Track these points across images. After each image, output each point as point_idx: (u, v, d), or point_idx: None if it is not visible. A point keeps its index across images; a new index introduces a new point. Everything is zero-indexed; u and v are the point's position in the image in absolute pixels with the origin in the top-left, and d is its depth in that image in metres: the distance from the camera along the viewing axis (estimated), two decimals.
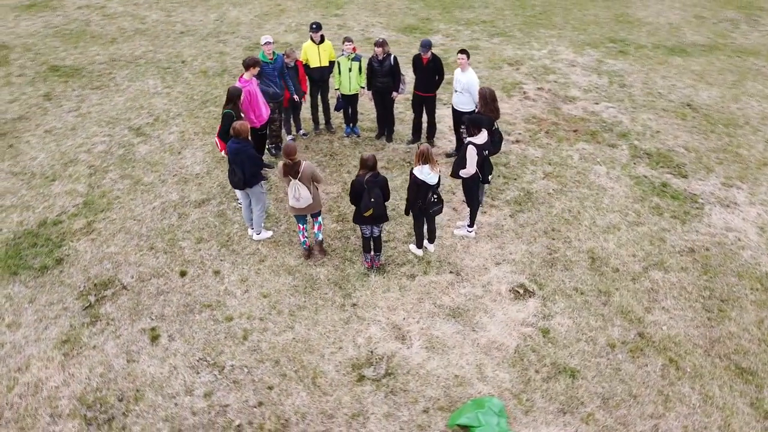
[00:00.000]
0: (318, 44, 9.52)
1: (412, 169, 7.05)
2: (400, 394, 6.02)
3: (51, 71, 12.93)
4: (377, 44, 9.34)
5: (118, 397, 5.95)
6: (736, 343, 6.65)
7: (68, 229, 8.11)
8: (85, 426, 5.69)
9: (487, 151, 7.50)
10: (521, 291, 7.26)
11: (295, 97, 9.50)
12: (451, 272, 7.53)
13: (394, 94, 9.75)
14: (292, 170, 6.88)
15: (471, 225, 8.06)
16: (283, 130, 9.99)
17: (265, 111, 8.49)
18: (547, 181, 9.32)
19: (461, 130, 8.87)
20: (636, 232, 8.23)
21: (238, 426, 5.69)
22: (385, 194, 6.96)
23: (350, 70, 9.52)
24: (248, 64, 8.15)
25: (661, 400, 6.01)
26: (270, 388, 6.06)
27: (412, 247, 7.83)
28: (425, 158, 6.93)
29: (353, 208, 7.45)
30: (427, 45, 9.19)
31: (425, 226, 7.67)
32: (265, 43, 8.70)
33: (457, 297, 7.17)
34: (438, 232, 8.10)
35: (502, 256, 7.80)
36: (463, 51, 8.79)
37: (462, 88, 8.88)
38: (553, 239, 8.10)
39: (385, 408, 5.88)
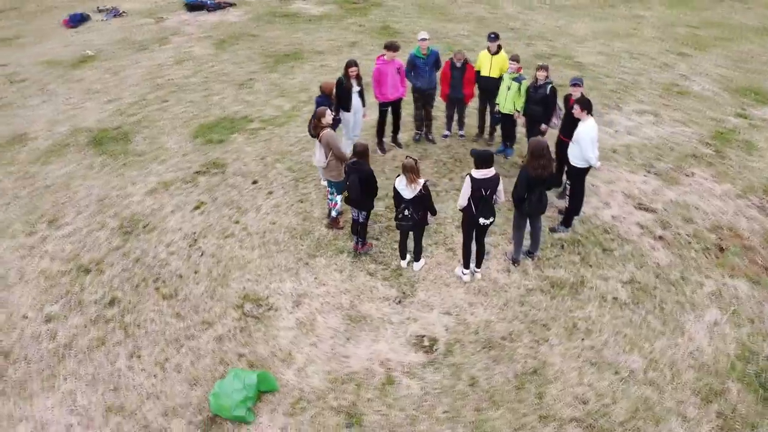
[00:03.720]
0: (492, 54, 9.58)
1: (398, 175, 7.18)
2: (243, 333, 6.86)
3: (382, 30, 16.14)
4: (538, 68, 8.85)
5: (143, 225, 8.63)
6: None
7: (247, 126, 11.07)
8: (118, 229, 8.59)
9: (489, 191, 6.81)
10: (426, 344, 6.70)
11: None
12: (401, 292, 7.39)
13: (543, 126, 9.08)
14: (315, 130, 7.93)
15: (465, 267, 7.48)
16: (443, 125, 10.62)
17: (391, 92, 9.40)
18: (624, 288, 7.45)
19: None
20: (631, 392, 6.15)
21: (136, 256, 7.67)
22: (366, 184, 7.30)
23: (509, 88, 9.31)
24: (386, 47, 9.17)
25: None
26: (196, 272, 7.74)
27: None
28: (404, 170, 6.95)
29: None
30: (577, 82, 8.22)
31: (410, 241, 7.63)
32: (421, 39, 9.41)
33: (375, 310, 7.14)
34: (439, 260, 7.83)
35: (460, 311, 7.11)
36: (581, 99, 7.63)
37: (574, 139, 7.81)
38: (530, 332, 6.84)
39: (219, 332, 6.87)
